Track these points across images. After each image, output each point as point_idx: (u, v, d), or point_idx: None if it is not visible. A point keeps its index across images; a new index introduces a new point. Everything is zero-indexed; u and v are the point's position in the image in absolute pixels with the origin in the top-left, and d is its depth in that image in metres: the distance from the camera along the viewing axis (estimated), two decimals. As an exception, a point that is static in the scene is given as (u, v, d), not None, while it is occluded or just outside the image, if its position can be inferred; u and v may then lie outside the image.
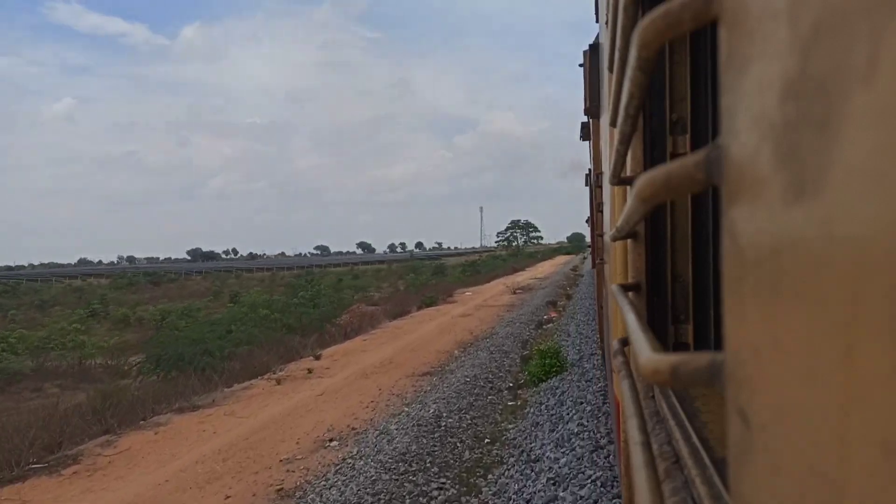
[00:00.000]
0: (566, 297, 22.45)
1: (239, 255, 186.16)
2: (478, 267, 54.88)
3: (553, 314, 17.91)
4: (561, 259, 71.21)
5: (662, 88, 1.34)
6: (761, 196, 0.28)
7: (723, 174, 0.34)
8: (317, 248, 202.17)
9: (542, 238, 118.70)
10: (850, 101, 0.21)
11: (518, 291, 27.29)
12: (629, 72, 0.62)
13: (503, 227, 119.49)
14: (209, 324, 24.38)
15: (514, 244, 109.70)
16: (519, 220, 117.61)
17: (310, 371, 12.56)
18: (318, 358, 13.98)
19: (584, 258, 52.29)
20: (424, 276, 49.05)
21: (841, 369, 0.22)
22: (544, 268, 51.97)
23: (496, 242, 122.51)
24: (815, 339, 0.24)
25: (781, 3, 0.25)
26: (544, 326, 16.07)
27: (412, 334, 16.75)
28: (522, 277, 38.40)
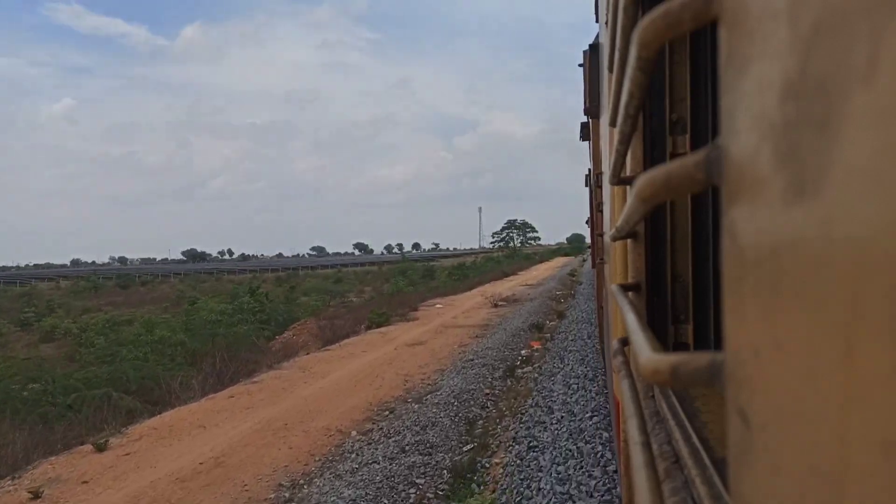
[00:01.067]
0: (557, 316, 17.12)
1: (234, 255, 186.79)
2: (466, 270, 48.84)
3: (536, 345, 12.70)
4: (558, 261, 64.30)
5: (662, 88, 1.34)
6: (761, 196, 0.28)
7: (723, 174, 0.34)
8: (313, 248, 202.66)
9: (539, 238, 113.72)
10: (850, 101, 0.21)
11: (500, 304, 21.62)
12: (629, 72, 0.62)
13: (499, 228, 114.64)
14: (116, 344, 19.23)
15: (510, 245, 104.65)
16: (515, 220, 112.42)
17: (35, 495, 6.21)
18: (101, 449, 7.58)
19: (584, 260, 48.22)
20: (403, 282, 42.02)
21: (841, 369, 0.22)
22: (539, 271, 44.16)
23: (491, 243, 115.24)
24: (815, 339, 0.24)
25: (781, 3, 0.25)
26: (517, 373, 10.19)
27: (317, 383, 10.37)
28: (511, 284, 31.52)
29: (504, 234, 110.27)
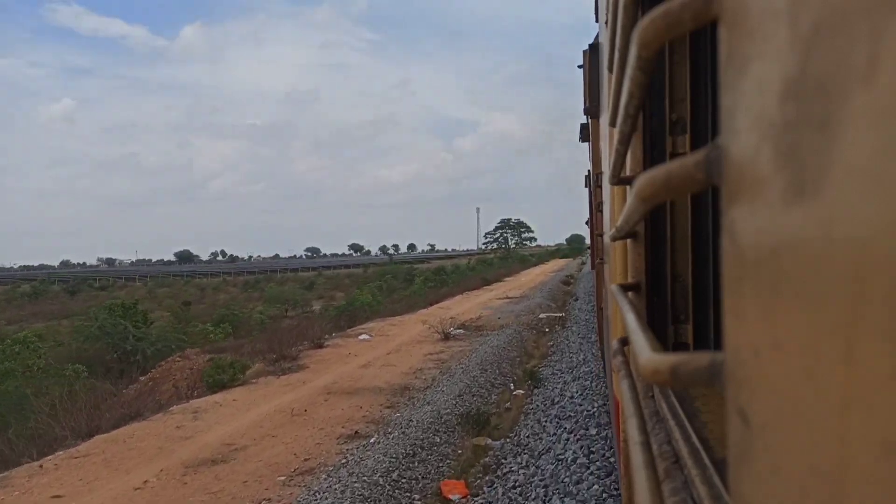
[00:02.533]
0: (527, 379, 9.86)
1: (227, 256, 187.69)
2: (447, 276, 41.87)
3: (456, 493, 5.57)
4: (555, 264, 58.46)
5: (662, 88, 1.34)
6: (761, 196, 0.28)
7: (723, 174, 0.34)
8: (307, 249, 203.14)
9: (535, 239, 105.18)
10: (850, 101, 0.21)
11: (455, 334, 14.65)
12: (629, 71, 0.62)
13: (492, 228, 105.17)
14: None
15: (503, 246, 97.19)
16: (510, 220, 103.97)
17: None
18: None
19: (583, 263, 43.92)
20: (370, 291, 33.15)
21: (841, 369, 0.22)
22: (529, 277, 36.33)
23: (483, 244, 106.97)
24: (815, 339, 0.24)
25: (781, 3, 0.25)
26: None
27: None
28: (488, 296, 24.31)
29: (497, 235, 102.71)
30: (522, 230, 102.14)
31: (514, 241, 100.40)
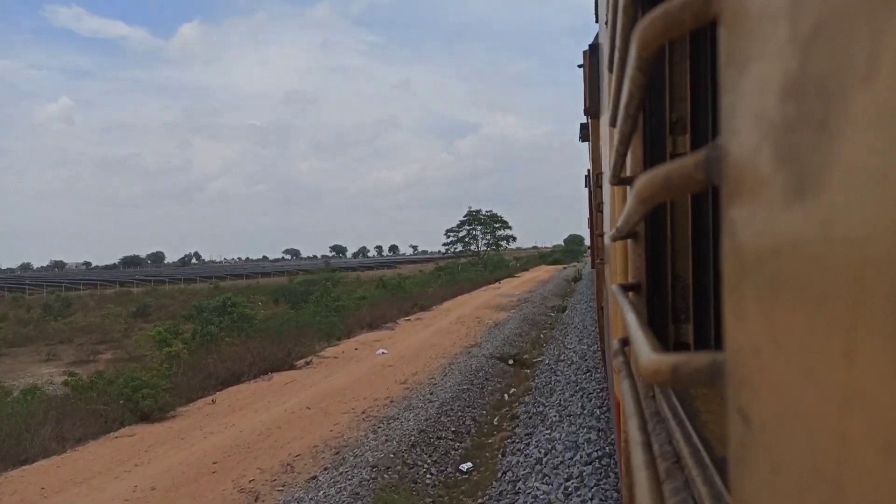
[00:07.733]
0: None
1: (180, 260, 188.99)
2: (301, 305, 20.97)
3: None
4: (535, 275, 39.10)
5: (662, 88, 1.34)
6: (761, 196, 0.28)
7: (723, 174, 0.34)
8: (286, 251, 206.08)
9: (514, 238, 77.97)
10: (850, 101, 0.21)
11: None
12: (629, 72, 0.62)
13: (457, 223, 75.34)
14: None
15: (471, 248, 72.15)
16: (478, 211, 75.24)
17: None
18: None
19: (577, 279, 30.80)
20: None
21: (841, 369, 0.22)
22: (412, 339, 14.11)
23: (444, 245, 77.53)
24: (815, 339, 0.24)
25: (781, 2, 0.25)
26: None
27: None
28: (305, 395, 8.51)
29: (463, 233, 75.01)
30: (497, 226, 74.75)
31: (484, 241, 74.61)
